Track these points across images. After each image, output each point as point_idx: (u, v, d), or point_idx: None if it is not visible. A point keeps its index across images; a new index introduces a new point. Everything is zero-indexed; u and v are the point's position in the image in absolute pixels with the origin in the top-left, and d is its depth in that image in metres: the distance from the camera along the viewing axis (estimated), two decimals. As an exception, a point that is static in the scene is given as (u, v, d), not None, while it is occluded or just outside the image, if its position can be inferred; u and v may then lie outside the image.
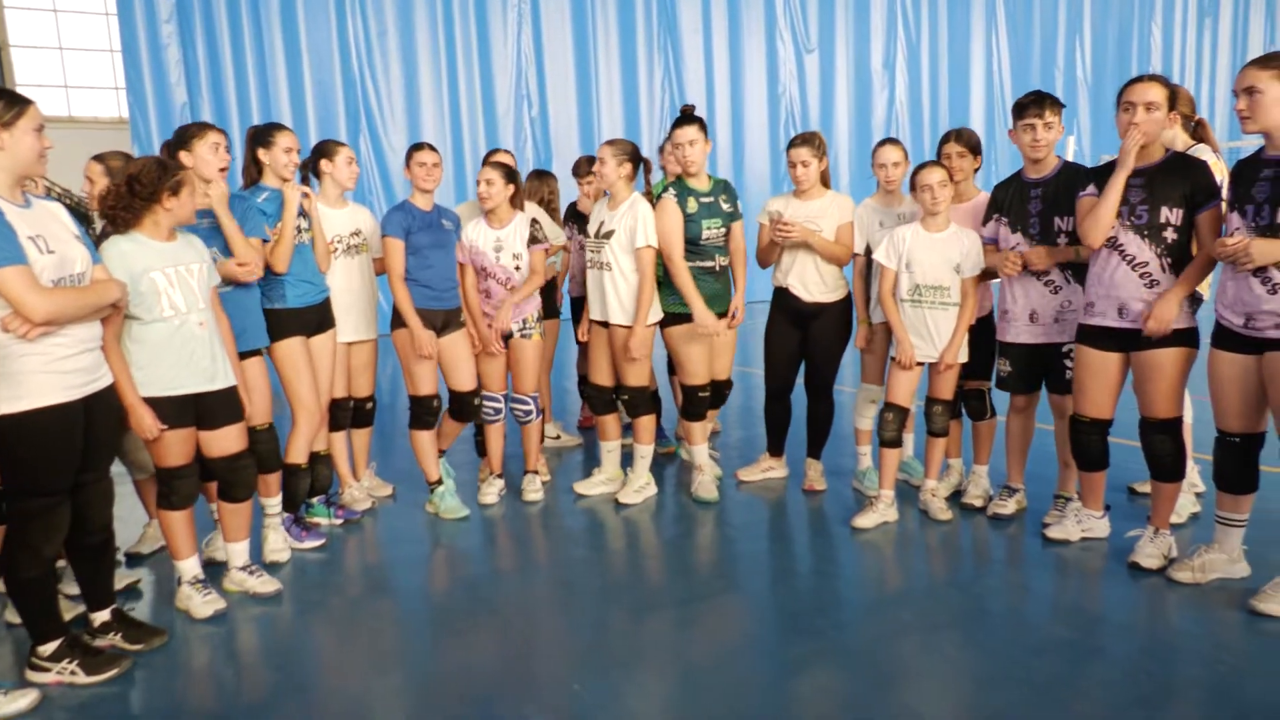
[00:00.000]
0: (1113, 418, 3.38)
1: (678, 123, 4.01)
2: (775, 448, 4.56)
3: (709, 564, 3.64)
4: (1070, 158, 3.60)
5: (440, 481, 4.27)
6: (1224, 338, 2.95)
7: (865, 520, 3.82)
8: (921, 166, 3.73)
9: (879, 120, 15.52)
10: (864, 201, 4.28)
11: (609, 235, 4.08)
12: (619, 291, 4.08)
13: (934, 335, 3.75)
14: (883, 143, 4.15)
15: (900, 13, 15.57)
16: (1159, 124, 3.07)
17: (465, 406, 4.25)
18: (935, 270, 3.71)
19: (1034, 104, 3.43)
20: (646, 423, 4.31)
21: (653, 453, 4.40)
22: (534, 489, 4.40)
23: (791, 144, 4.10)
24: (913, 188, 3.80)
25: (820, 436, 4.39)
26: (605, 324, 4.19)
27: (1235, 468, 3.01)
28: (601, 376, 4.33)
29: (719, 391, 4.47)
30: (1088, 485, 3.50)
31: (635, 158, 4.11)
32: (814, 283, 4.14)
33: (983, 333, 3.88)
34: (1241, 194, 2.85)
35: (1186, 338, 3.12)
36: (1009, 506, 3.81)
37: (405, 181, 4.28)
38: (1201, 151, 3.49)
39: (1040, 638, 2.81)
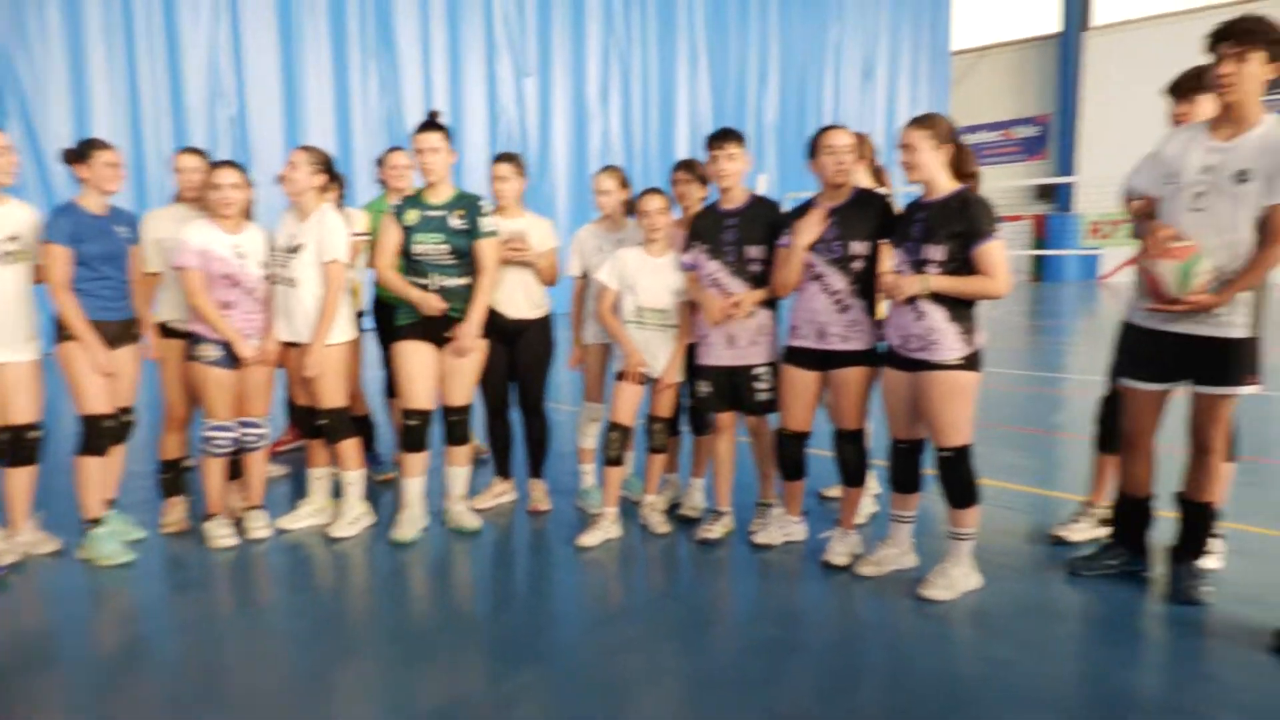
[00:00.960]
0: (811, 430, 3.72)
1: (420, 128, 3.83)
2: (503, 469, 4.49)
3: (427, 596, 3.48)
4: (762, 193, 3.90)
5: (99, 521, 3.69)
6: (891, 357, 3.36)
7: (589, 538, 3.87)
8: (644, 193, 3.88)
9: (595, 147, 16.10)
10: (585, 226, 4.39)
11: (297, 249, 3.82)
12: (307, 309, 3.85)
13: (656, 356, 3.90)
14: (601, 170, 4.29)
15: (614, 45, 16.29)
16: (847, 172, 3.46)
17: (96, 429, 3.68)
18: (657, 294, 3.86)
19: (718, 137, 3.69)
20: (349, 448, 4.05)
21: (364, 479, 4.14)
22: (260, 525, 3.98)
23: (495, 159, 4.18)
24: (634, 213, 3.96)
25: (538, 455, 4.39)
26: (294, 344, 3.95)
27: (904, 471, 3.43)
28: (304, 397, 4.04)
29: (453, 419, 4.06)
30: (790, 493, 3.81)
31: (329, 169, 3.93)
32: (520, 300, 4.16)
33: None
34: (902, 232, 3.28)
35: (870, 358, 3.51)
36: (716, 530, 3.90)
37: (73, 179, 3.67)
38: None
39: (750, 638, 2.99)
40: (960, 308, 3.15)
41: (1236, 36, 2.86)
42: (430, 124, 3.84)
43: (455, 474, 4.11)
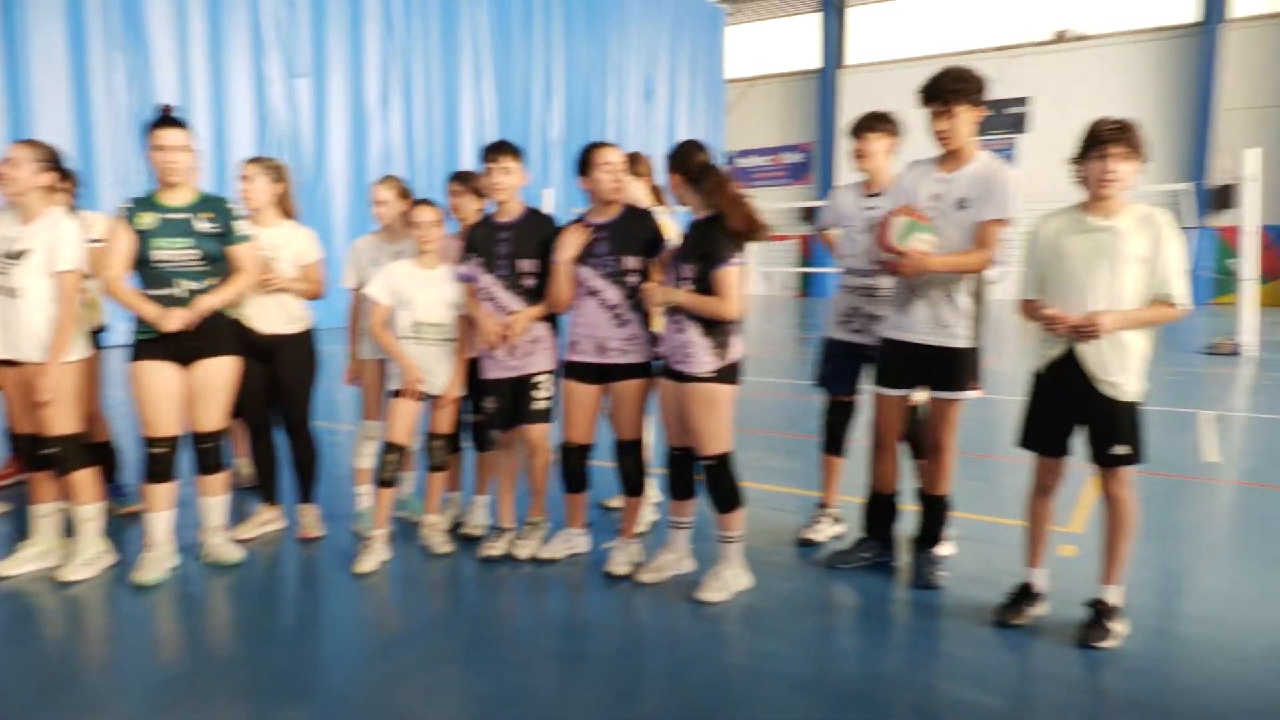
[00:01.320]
0: (594, 443, 3.77)
1: (156, 124, 3.47)
2: (268, 495, 4.19)
3: (177, 641, 3.18)
4: (547, 209, 3.93)
5: None
6: (666, 369, 3.48)
7: (364, 564, 3.69)
8: (415, 205, 3.79)
9: (375, 154, 15.51)
10: (363, 237, 4.22)
11: (19, 255, 3.41)
12: (30, 324, 3.44)
13: (434, 372, 3.80)
14: (379, 180, 4.14)
15: (394, 50, 15.78)
16: (622, 189, 3.57)
17: None
18: (432, 308, 3.77)
19: (493, 150, 3.69)
20: (83, 479, 3.62)
21: (102, 513, 3.71)
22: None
23: (249, 160, 3.91)
24: (409, 224, 3.84)
25: (306, 479, 4.15)
26: (13, 363, 3.51)
27: (679, 478, 3.56)
28: (27, 423, 3.57)
29: (203, 446, 3.71)
30: (572, 506, 3.84)
31: (57, 166, 3.54)
32: (273, 314, 3.91)
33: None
34: (676, 249, 3.42)
35: (648, 370, 3.61)
36: (498, 547, 3.84)
37: None
38: (660, 213, 4.09)
39: (535, 653, 2.98)
40: (713, 324, 3.30)
41: (943, 97, 3.26)
42: (167, 119, 3.49)
43: (209, 504, 3.78)
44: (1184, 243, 2.95)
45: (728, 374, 3.34)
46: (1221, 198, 19.91)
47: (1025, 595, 3.20)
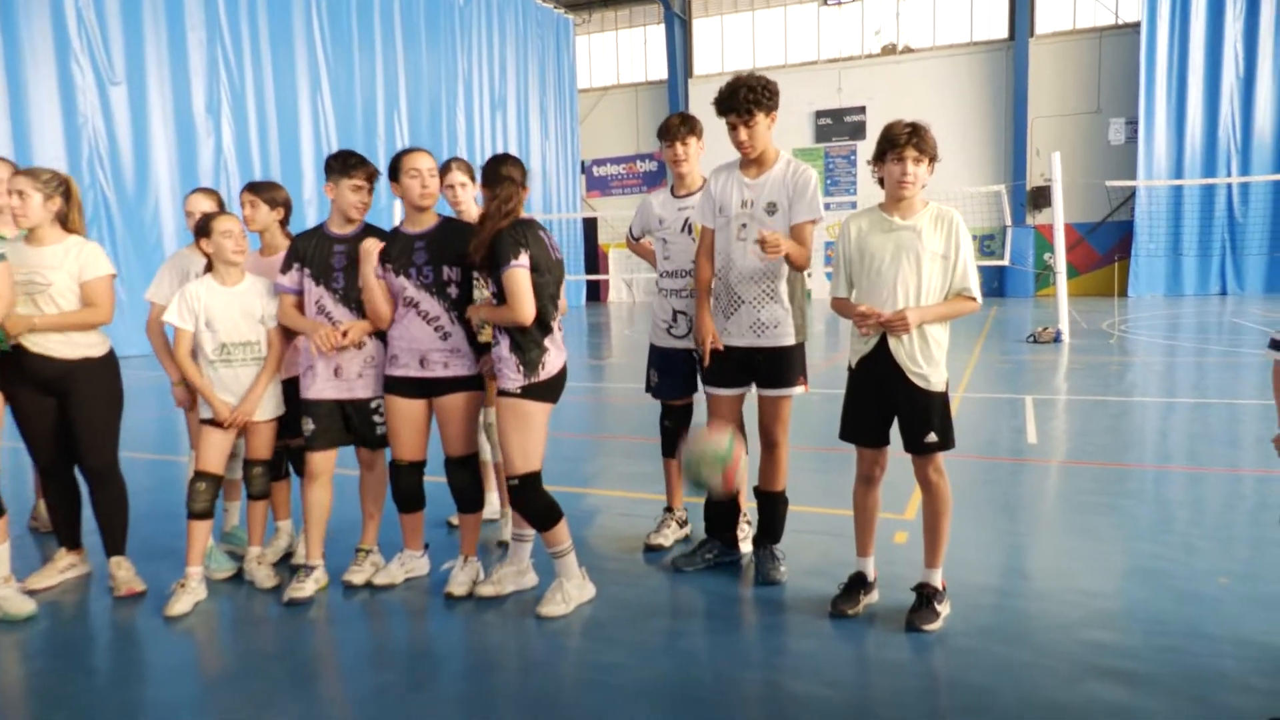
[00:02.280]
0: (426, 459, 3.62)
1: None
2: (68, 538, 3.79)
3: (-42, 708, 2.81)
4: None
5: None
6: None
7: (177, 606, 3.40)
8: (215, 216, 3.52)
9: (206, 166, 14.61)
10: (181, 250, 3.94)
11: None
12: None
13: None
14: (193, 191, 3.86)
15: (221, 58, 14.92)
16: (433, 195, 3.46)
17: None
18: (239, 326, 3.51)
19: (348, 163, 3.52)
20: None
21: None
22: None
23: (17, 173, 3.43)
24: (207, 235, 3.57)
25: (114, 530, 3.69)
26: None
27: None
28: None
29: None
30: (409, 526, 3.67)
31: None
32: (55, 339, 3.44)
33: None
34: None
35: (476, 383, 3.50)
36: (307, 588, 3.50)
37: None
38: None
39: (370, 686, 2.81)
40: (522, 337, 3.22)
41: (738, 110, 3.34)
42: None
43: None
44: (971, 240, 3.12)
45: (538, 390, 3.25)
46: (1038, 198, 21.58)
47: (859, 585, 3.29)
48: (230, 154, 15.01)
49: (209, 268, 3.57)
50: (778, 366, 3.48)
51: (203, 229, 3.50)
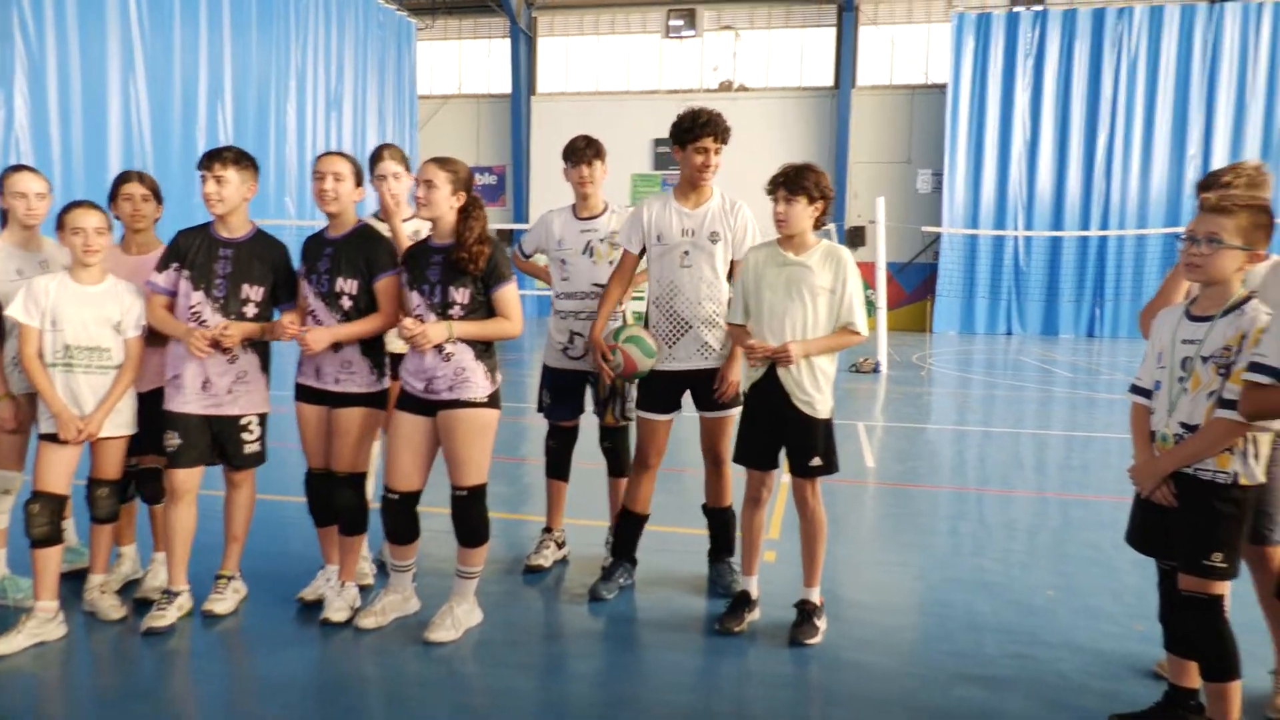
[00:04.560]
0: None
1: None
2: None
3: None
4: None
5: None
6: (407, 401, 3.26)
7: (9, 644, 3.01)
8: (74, 206, 3.18)
9: (-8, 150, 13.02)
10: (-8, 239, 3.48)
11: None
12: None
13: (87, 405, 3.18)
14: (17, 169, 3.41)
15: (17, 18, 13.39)
16: (348, 194, 3.31)
17: None
18: (88, 329, 3.17)
19: (209, 158, 3.26)
20: None
21: None
22: None
23: None
24: (59, 229, 3.21)
25: None
26: None
27: (403, 522, 3.31)
28: None
29: None
30: (347, 548, 3.45)
31: None
32: None
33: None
34: (417, 274, 3.22)
35: (372, 400, 3.36)
36: (169, 615, 3.24)
37: None
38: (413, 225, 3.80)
39: (242, 726, 2.62)
40: (485, 346, 3.23)
41: (719, 134, 3.51)
42: None
43: None
44: (859, 276, 3.36)
45: (496, 399, 3.26)
46: (855, 238, 23.22)
47: (744, 603, 3.42)
48: (23, 130, 13.46)
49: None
50: (716, 388, 3.58)
51: (64, 221, 3.15)
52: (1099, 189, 21.17)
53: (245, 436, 3.33)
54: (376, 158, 3.73)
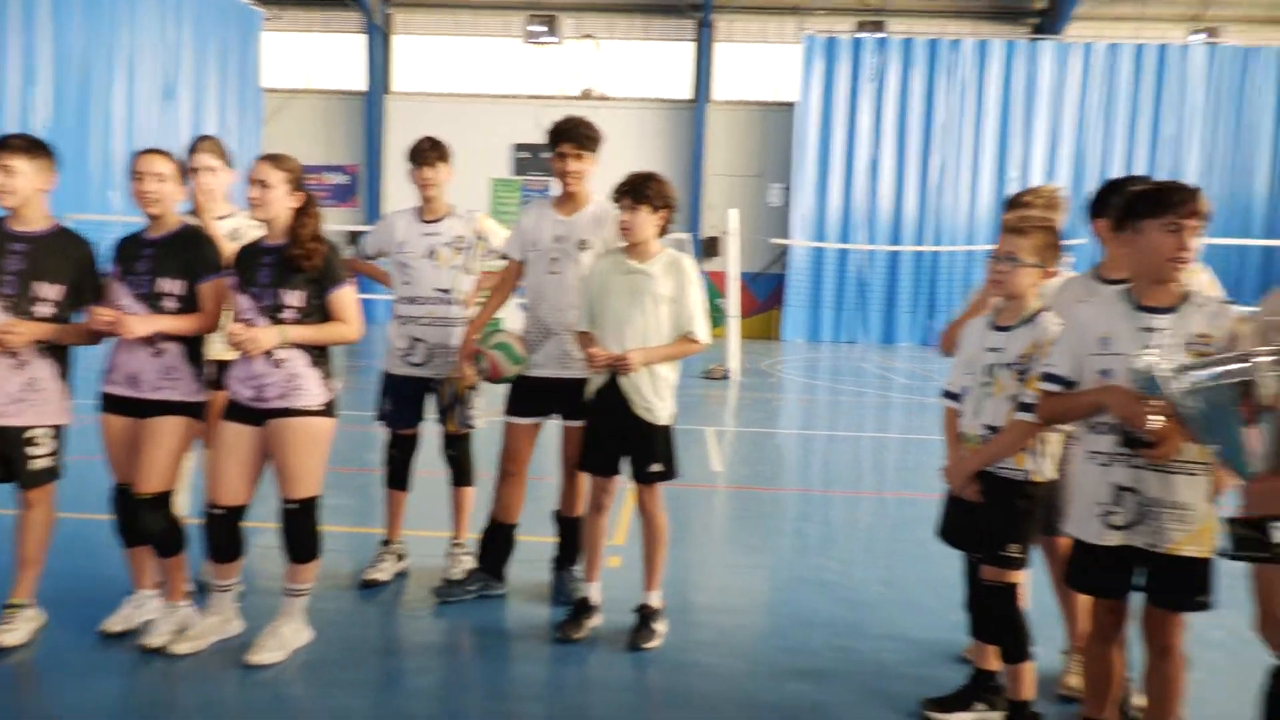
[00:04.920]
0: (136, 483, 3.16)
1: None
2: None
3: None
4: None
5: None
6: (235, 411, 3.09)
7: None
8: None
9: None
10: None
11: None
12: None
13: None
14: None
15: None
16: (171, 195, 3.12)
17: None
18: None
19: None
20: None
21: None
22: None
23: None
24: None
25: None
26: None
27: (227, 538, 3.11)
28: None
29: None
30: (167, 567, 3.20)
31: None
32: None
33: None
34: (247, 277, 3.05)
35: (190, 409, 3.15)
36: None
37: None
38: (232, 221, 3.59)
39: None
40: (320, 352, 3.09)
41: (578, 140, 3.50)
42: None
43: None
44: (703, 285, 3.45)
45: (333, 407, 3.13)
46: (709, 247, 23.85)
47: (584, 609, 3.43)
48: None
49: None
50: (576, 397, 3.53)
51: None
52: (933, 206, 22.69)
53: (32, 451, 3.04)
54: (192, 150, 3.53)
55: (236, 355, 3.03)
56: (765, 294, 24.30)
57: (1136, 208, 2.29)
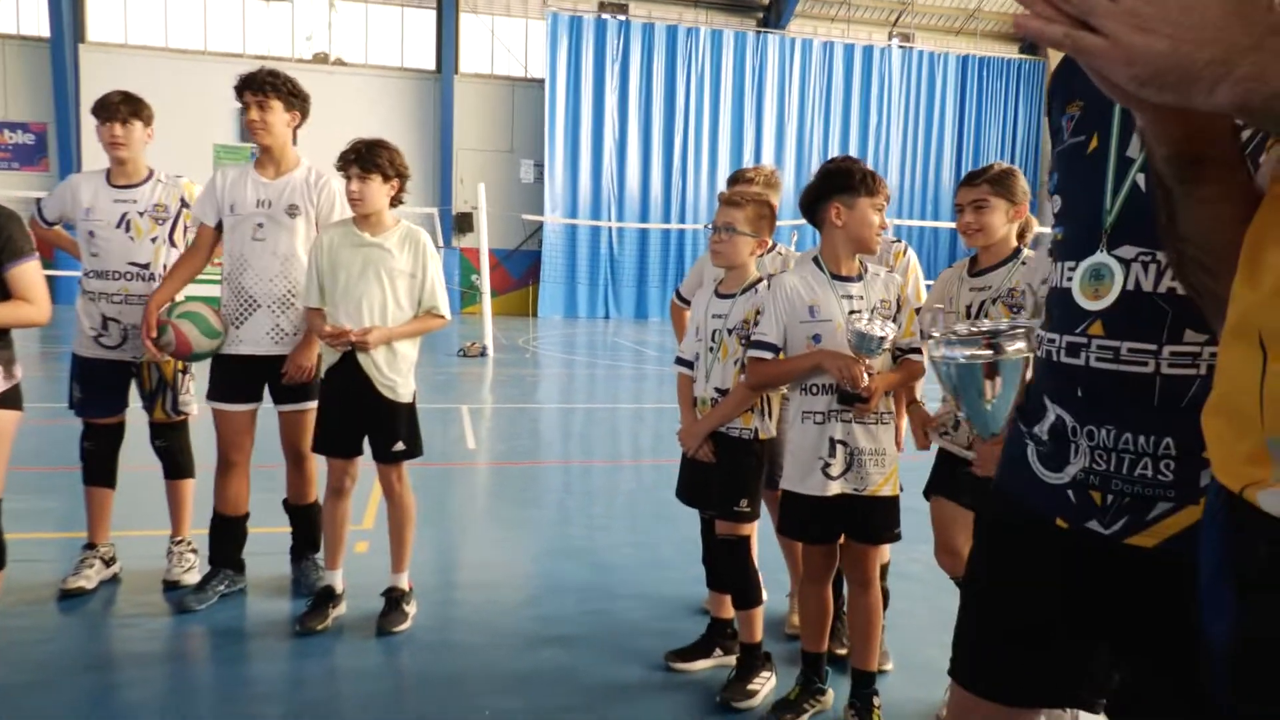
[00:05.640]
0: None
1: None
2: None
3: None
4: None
5: None
6: None
7: None
8: None
9: None
10: None
11: None
12: None
13: None
14: None
15: None
16: None
17: None
18: None
19: None
20: None
21: None
22: None
23: None
24: None
25: None
26: None
27: None
28: None
29: None
30: None
31: None
32: None
33: None
34: None
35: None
36: None
37: None
38: None
39: None
40: (2, 338, 2.67)
41: (257, 87, 3.25)
42: None
43: None
44: (439, 260, 3.36)
45: (14, 397, 2.72)
46: (463, 223, 23.35)
47: (327, 598, 3.26)
48: None
49: None
50: (279, 378, 3.32)
51: None
52: (676, 185, 23.74)
53: None
54: None
55: None
56: (520, 271, 24.26)
57: (853, 187, 2.51)
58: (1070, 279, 1.22)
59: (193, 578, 3.55)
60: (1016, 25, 0.78)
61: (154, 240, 3.42)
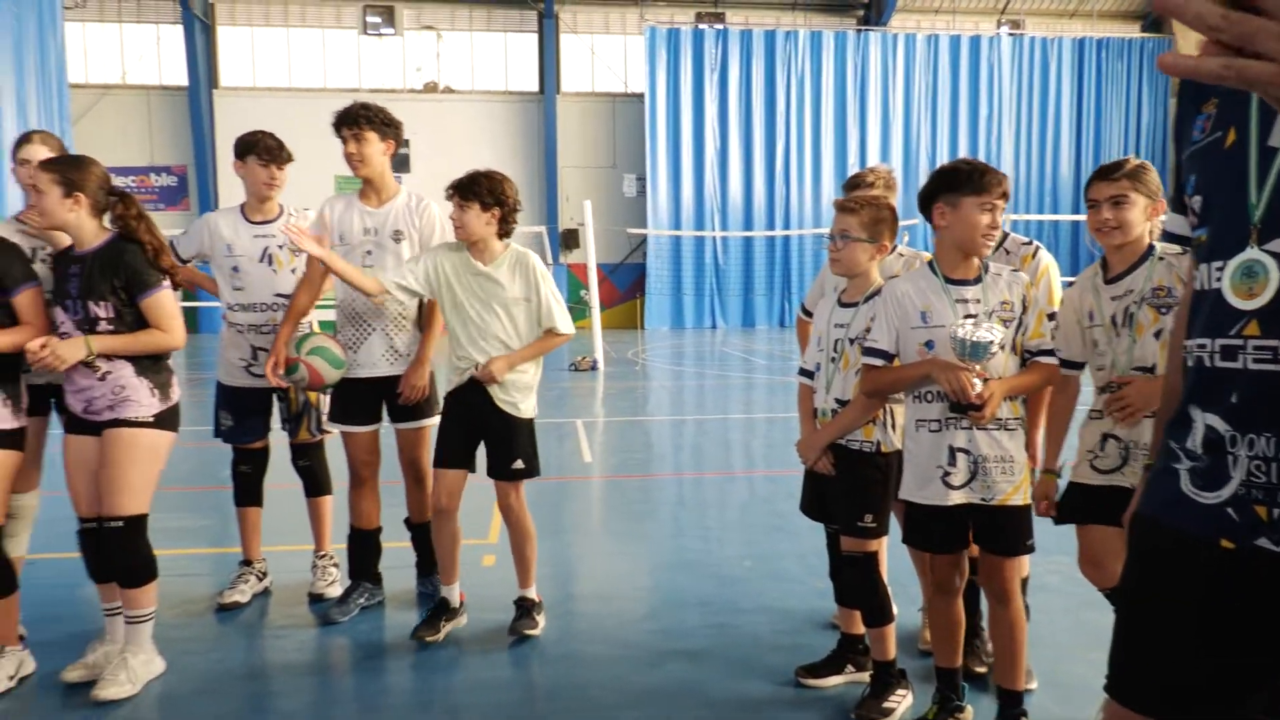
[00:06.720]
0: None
1: None
2: None
3: None
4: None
5: None
6: (74, 424, 2.92)
7: None
8: None
9: None
10: None
11: None
12: None
13: None
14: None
15: None
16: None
17: None
18: None
19: None
20: None
21: None
22: None
23: None
24: None
25: None
26: None
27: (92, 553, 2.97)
28: None
29: None
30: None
31: None
32: None
33: None
34: (59, 290, 2.86)
35: (11, 438, 2.88)
36: None
37: None
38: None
39: None
40: (152, 361, 2.91)
41: (352, 121, 3.39)
42: None
43: None
44: (551, 277, 3.41)
45: (167, 419, 2.94)
46: (569, 240, 23.81)
47: (441, 611, 3.35)
48: None
49: None
50: (395, 397, 3.47)
51: None
52: (780, 192, 23.51)
53: None
54: (25, 141, 3.19)
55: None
56: (626, 284, 24.51)
57: (956, 186, 2.43)
58: (1219, 279, 1.15)
59: (335, 590, 3.73)
60: (1160, 63, 0.75)
61: (293, 271, 3.62)
